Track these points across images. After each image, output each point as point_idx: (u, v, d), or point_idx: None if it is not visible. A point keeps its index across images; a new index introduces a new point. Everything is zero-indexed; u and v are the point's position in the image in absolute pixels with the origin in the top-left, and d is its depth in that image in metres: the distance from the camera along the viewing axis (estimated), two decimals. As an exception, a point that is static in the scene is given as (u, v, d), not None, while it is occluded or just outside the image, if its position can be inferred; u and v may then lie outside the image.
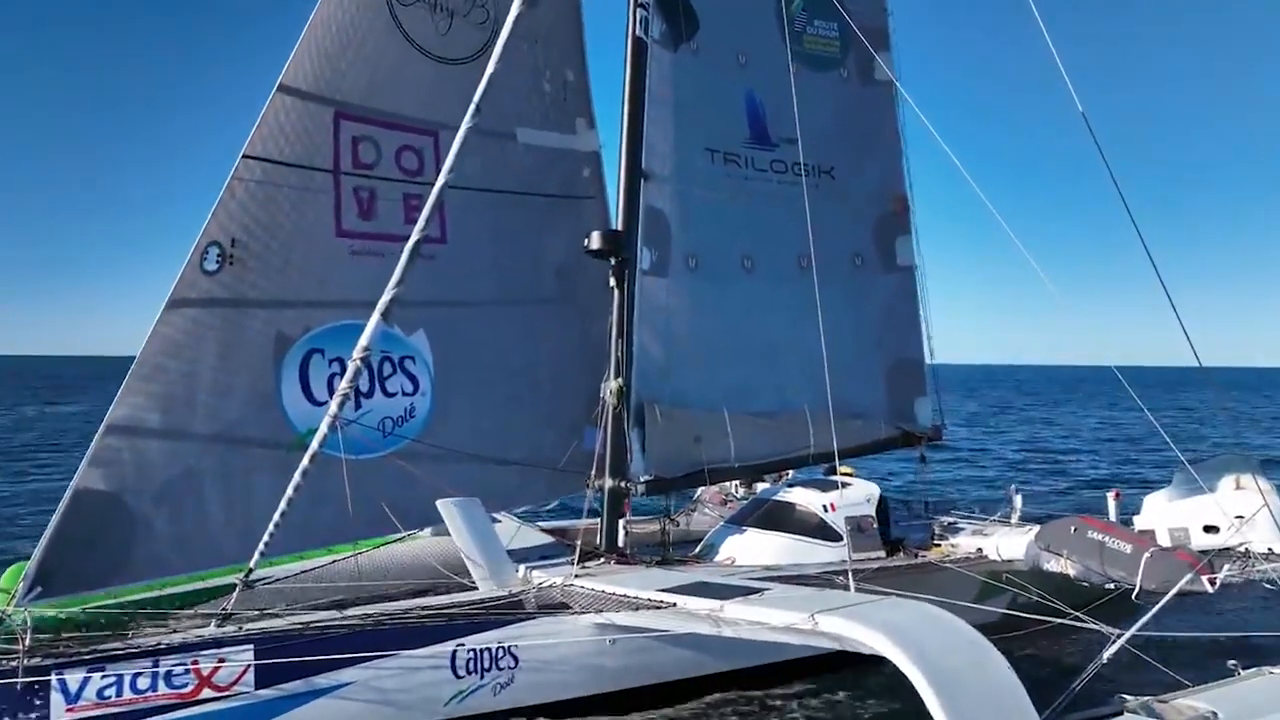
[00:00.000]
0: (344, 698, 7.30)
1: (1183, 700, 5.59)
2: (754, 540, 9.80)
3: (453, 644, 7.65)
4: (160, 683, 6.87)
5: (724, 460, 10.36)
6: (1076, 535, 8.93)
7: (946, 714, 4.64)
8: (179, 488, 7.87)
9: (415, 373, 9.51)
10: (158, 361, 7.82)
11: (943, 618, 5.66)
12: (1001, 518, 11.27)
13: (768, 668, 8.75)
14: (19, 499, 19.70)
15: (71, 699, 6.64)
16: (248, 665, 7.08)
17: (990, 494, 17.11)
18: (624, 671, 8.22)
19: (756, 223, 11.30)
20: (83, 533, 7.33)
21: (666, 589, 7.56)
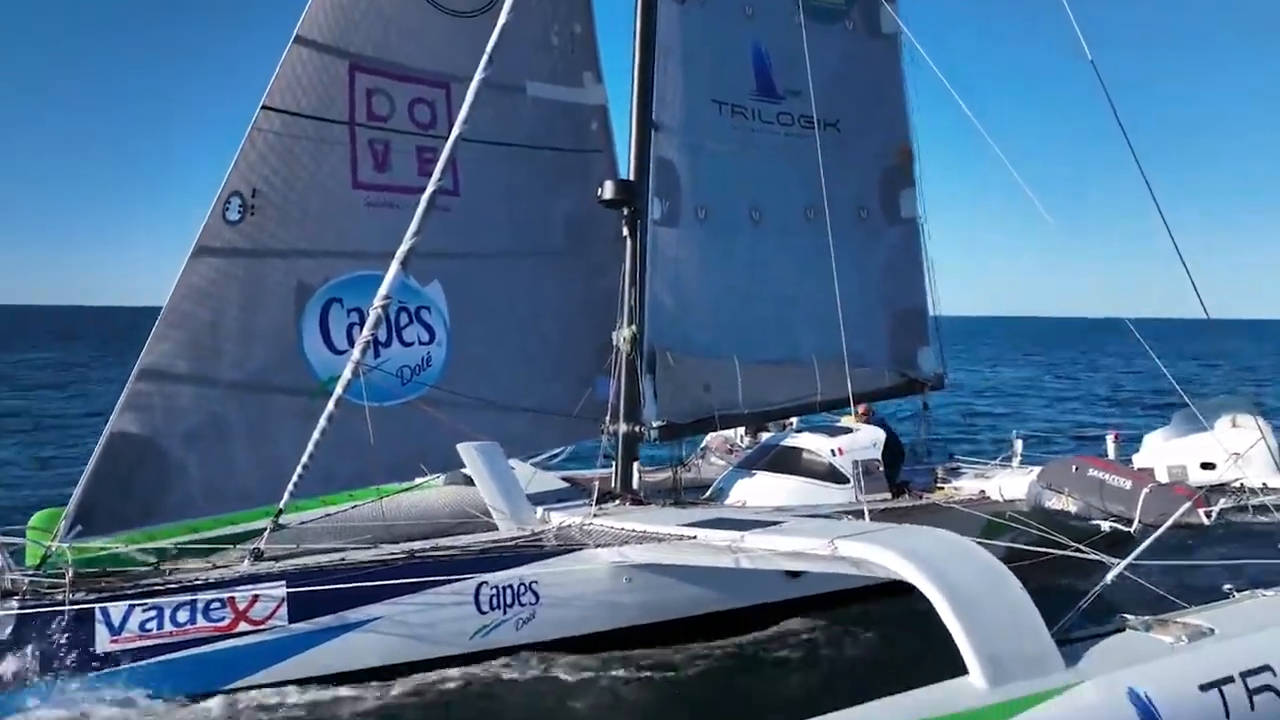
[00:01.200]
0: (373, 631, 7.59)
1: (1180, 618, 5.89)
2: (764, 483, 10.06)
3: (476, 580, 7.94)
4: (199, 616, 7.16)
5: (733, 407, 10.60)
6: (1078, 474, 9.22)
7: (965, 631, 4.91)
8: (207, 432, 8.10)
9: (431, 323, 9.70)
10: (185, 309, 8.00)
11: (958, 542, 5.93)
12: (1003, 461, 11.56)
13: (779, 605, 9.05)
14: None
15: (115, 630, 6.93)
16: (281, 600, 7.37)
17: (993, 438, 17.44)
18: (641, 608, 8.50)
19: (764, 175, 11.44)
20: (118, 474, 7.56)
21: (685, 524, 7.82)
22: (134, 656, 6.94)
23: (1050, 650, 5.06)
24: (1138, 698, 4.96)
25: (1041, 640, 5.09)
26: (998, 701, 4.64)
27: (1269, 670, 5.46)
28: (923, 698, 4.63)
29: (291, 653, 7.37)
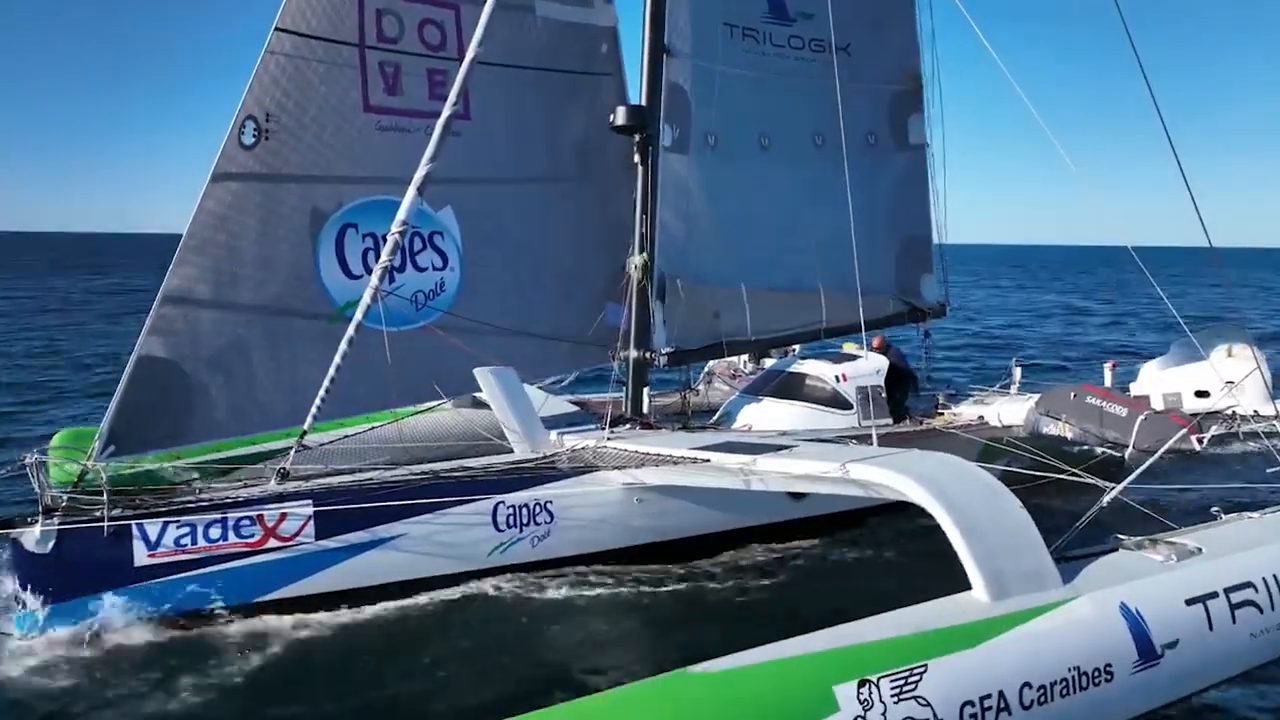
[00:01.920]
0: (396, 548, 7.91)
1: (1170, 539, 6.20)
2: (770, 409, 10.32)
3: (494, 500, 8.23)
4: (230, 532, 7.45)
5: (741, 333, 10.79)
6: (1075, 401, 9.48)
7: (969, 549, 5.19)
8: (230, 356, 8.27)
9: (444, 248, 9.79)
10: (205, 235, 8.08)
11: (963, 465, 6.20)
12: (1001, 389, 11.82)
13: (783, 525, 9.40)
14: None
15: (151, 545, 7.22)
16: (308, 518, 7.66)
17: (992, 365, 17.72)
18: (651, 527, 8.83)
19: (774, 100, 11.39)
20: (147, 397, 7.76)
21: (698, 447, 8.07)
22: (169, 571, 7.26)
23: (1048, 567, 5.37)
24: (1129, 611, 5.28)
25: (1040, 558, 5.39)
26: (999, 614, 4.95)
27: (1250, 586, 5.80)
28: (929, 610, 4.94)
29: (318, 568, 7.69)
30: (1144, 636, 5.24)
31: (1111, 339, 29.67)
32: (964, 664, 4.60)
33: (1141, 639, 5.22)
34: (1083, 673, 4.93)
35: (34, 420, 15.50)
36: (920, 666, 4.46)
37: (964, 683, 4.54)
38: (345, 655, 6.99)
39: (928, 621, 4.80)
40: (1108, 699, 5.01)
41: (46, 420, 15.21)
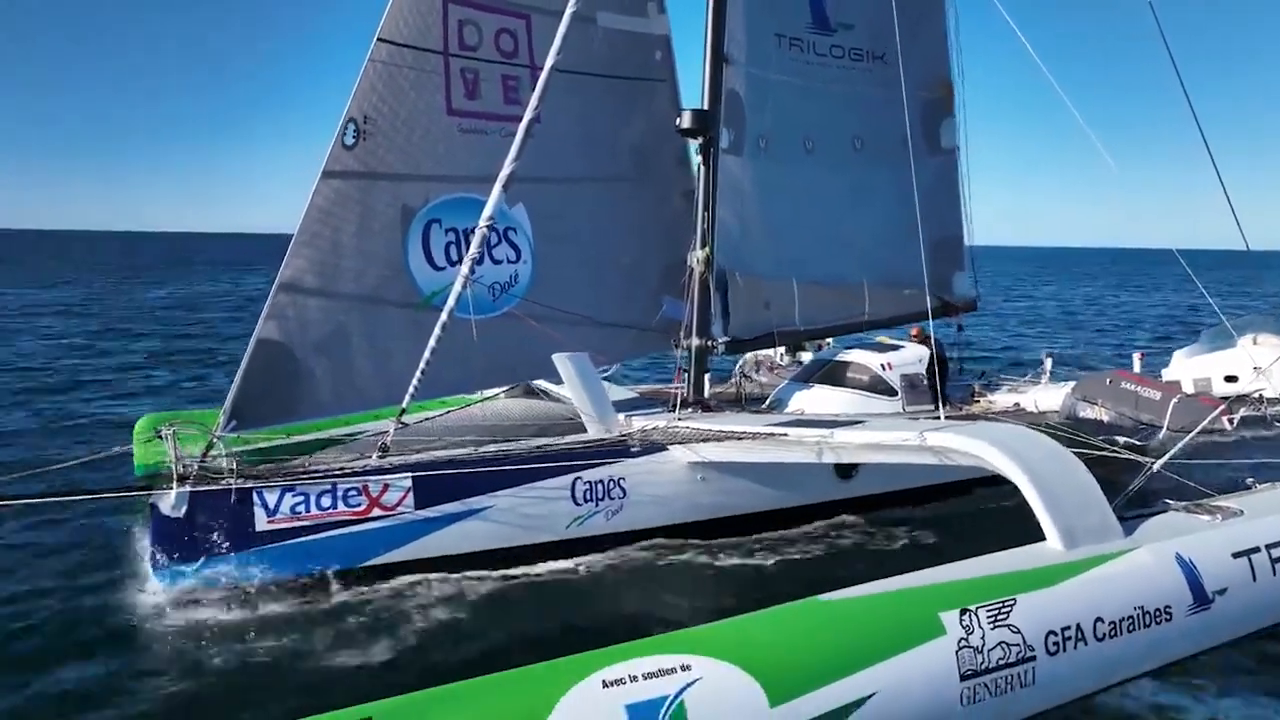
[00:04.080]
0: (485, 519, 8.54)
1: (1214, 503, 6.85)
2: (819, 394, 10.96)
3: (572, 476, 8.86)
4: (339, 501, 8.08)
5: (790, 324, 11.44)
6: (1111, 386, 10.12)
7: (1044, 504, 5.84)
8: (333, 341, 8.90)
9: (517, 242, 10.43)
10: (313, 228, 8.72)
11: (1031, 432, 6.84)
12: (1032, 379, 12.47)
13: (831, 503, 10.02)
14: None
15: (271, 512, 7.86)
16: (408, 490, 8.30)
17: (1021, 357, 18.38)
18: (713, 503, 9.47)
19: (817, 106, 12.06)
20: (262, 377, 8.39)
21: (772, 424, 8.71)
22: (286, 535, 7.89)
23: (1112, 522, 6.01)
24: (1184, 561, 5.93)
25: (1105, 514, 6.03)
26: (1072, 560, 5.59)
27: None
28: (1013, 555, 5.59)
29: (417, 536, 8.32)
30: (1197, 584, 5.88)
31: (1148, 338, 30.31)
32: (1046, 600, 5.24)
33: (1195, 586, 5.86)
34: (1146, 612, 5.57)
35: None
36: (1010, 600, 5.10)
37: (1047, 615, 5.18)
38: (453, 614, 7.62)
39: (1013, 564, 5.44)
40: (1168, 637, 5.65)
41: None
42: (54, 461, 9.10)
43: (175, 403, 15.53)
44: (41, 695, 5.99)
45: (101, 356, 23.03)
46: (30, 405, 16.25)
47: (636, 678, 4.01)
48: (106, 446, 9.46)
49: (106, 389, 18.31)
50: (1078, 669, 5.20)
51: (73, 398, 17.13)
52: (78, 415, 15.37)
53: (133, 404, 16.29)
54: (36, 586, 7.86)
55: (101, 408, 16.17)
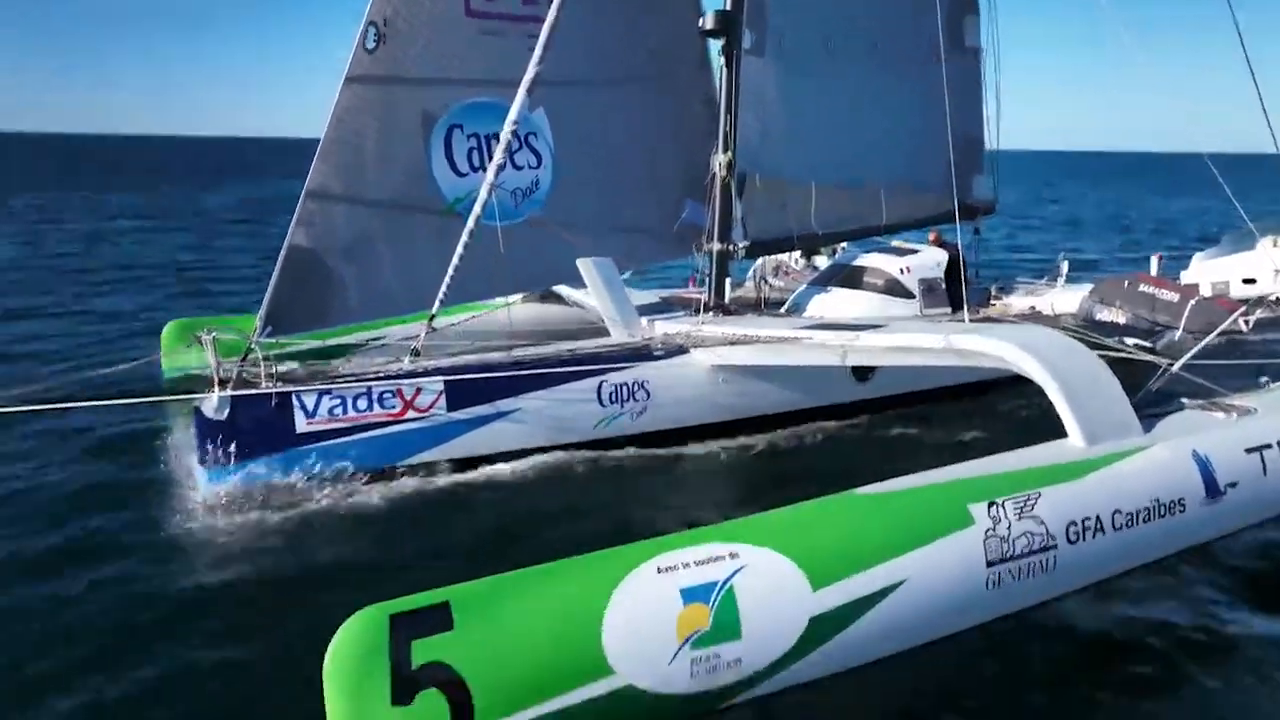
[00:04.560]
0: (515, 421, 8.79)
1: (1228, 401, 7.06)
2: (838, 298, 11.09)
3: (598, 379, 9.07)
4: (375, 404, 8.31)
5: (808, 228, 11.47)
6: (1129, 289, 10.23)
7: (1067, 402, 6.04)
8: (359, 247, 8.99)
9: (538, 148, 10.39)
10: (337, 135, 8.70)
11: (1054, 333, 7.00)
12: (1048, 282, 12.57)
13: (848, 405, 10.26)
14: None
15: (310, 414, 8.09)
16: (440, 393, 8.51)
17: (1038, 260, 18.46)
18: (732, 405, 9.70)
19: (837, 6, 11.80)
20: (294, 284, 8.52)
21: (792, 328, 8.87)
22: (325, 437, 8.14)
23: (1132, 420, 6.23)
24: (1198, 456, 6.16)
25: (1125, 411, 6.24)
26: (1094, 456, 5.82)
27: None
28: (1037, 451, 5.82)
29: (450, 437, 8.58)
30: (1211, 477, 6.13)
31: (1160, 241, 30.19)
32: (1068, 493, 5.49)
33: (1209, 479, 6.11)
34: (1161, 504, 5.83)
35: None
36: (1035, 493, 5.35)
37: (1068, 507, 5.43)
38: (494, 511, 7.94)
39: (1037, 459, 5.68)
40: (1181, 526, 5.92)
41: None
42: (82, 368, 9.34)
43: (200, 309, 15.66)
44: (95, 598, 6.25)
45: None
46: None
47: (689, 564, 4.28)
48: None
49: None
50: (1095, 557, 5.49)
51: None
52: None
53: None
54: (81, 492, 8.13)
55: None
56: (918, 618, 4.80)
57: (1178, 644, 5.60)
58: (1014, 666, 5.31)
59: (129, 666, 5.38)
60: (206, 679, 5.27)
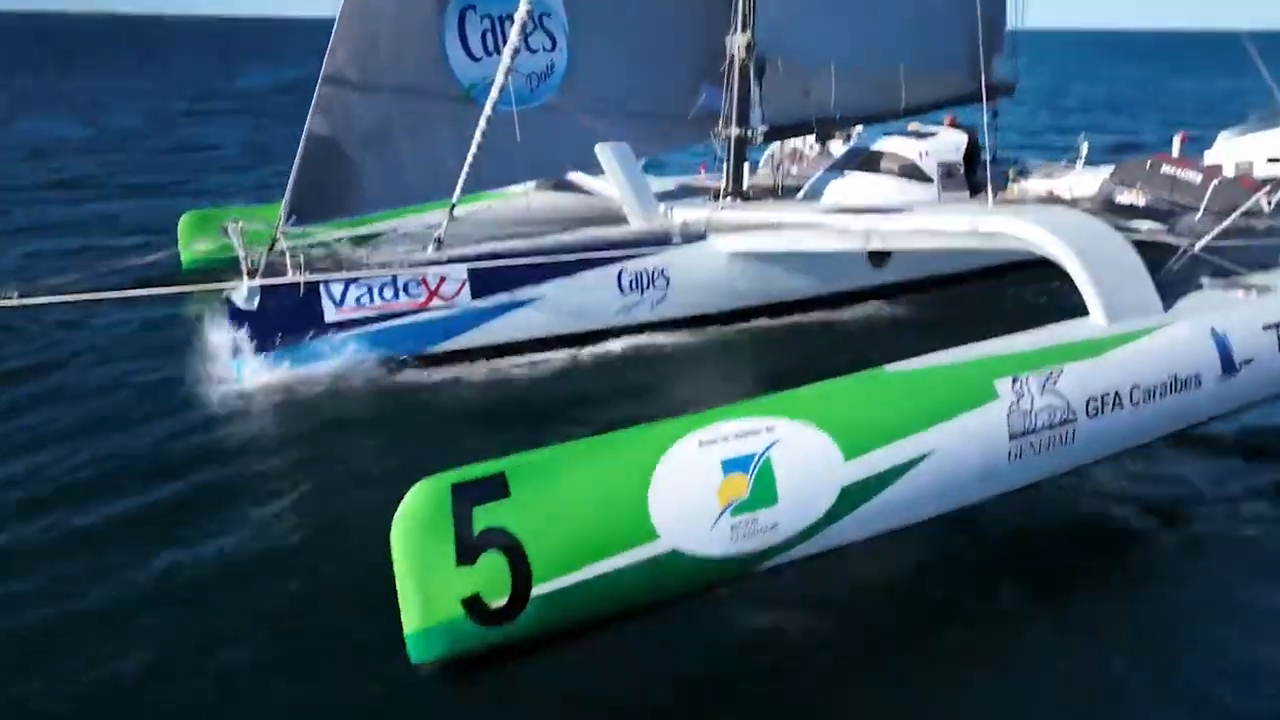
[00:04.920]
0: (537, 309, 8.91)
1: (1246, 280, 7.13)
2: (855, 182, 11.01)
3: (618, 267, 9.14)
4: (401, 293, 8.42)
5: (827, 112, 11.31)
6: (1151, 170, 10.14)
7: (1091, 282, 6.13)
8: (377, 135, 8.91)
9: (552, 30, 10.14)
10: (352, 19, 8.52)
11: (1080, 214, 7.05)
12: (1066, 164, 12.45)
13: (863, 290, 10.34)
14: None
15: (338, 303, 8.21)
16: (464, 281, 8.61)
17: (1057, 142, 18.22)
18: (750, 291, 9.80)
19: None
20: (317, 171, 8.50)
21: (813, 213, 8.87)
22: (353, 326, 8.28)
23: (1153, 298, 6.33)
24: (1216, 334, 6.29)
25: (1147, 290, 6.33)
26: (1115, 334, 5.95)
27: None
28: (1061, 329, 5.94)
29: (474, 324, 8.72)
30: (1227, 354, 6.27)
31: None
32: (1089, 369, 5.64)
33: (1225, 356, 6.25)
34: (1178, 380, 5.99)
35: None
36: (1058, 369, 5.50)
37: (1089, 383, 5.59)
38: (524, 391, 8.16)
39: (1060, 337, 5.81)
40: (1196, 401, 6.10)
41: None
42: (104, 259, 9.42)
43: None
44: (144, 489, 6.46)
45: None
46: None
47: (728, 438, 4.46)
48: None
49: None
50: (1112, 431, 5.68)
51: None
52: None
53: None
54: (114, 385, 8.30)
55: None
56: (943, 487, 5.02)
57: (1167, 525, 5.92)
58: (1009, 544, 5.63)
59: (196, 549, 5.66)
60: (268, 557, 5.56)
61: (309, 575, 5.36)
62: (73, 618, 4.99)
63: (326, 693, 4.46)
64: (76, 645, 4.78)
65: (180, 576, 5.39)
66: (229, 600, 5.16)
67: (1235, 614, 5.16)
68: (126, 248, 11.32)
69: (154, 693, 4.47)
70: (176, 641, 4.82)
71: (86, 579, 5.30)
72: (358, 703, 4.36)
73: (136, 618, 5.00)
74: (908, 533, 5.02)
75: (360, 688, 4.41)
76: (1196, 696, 4.56)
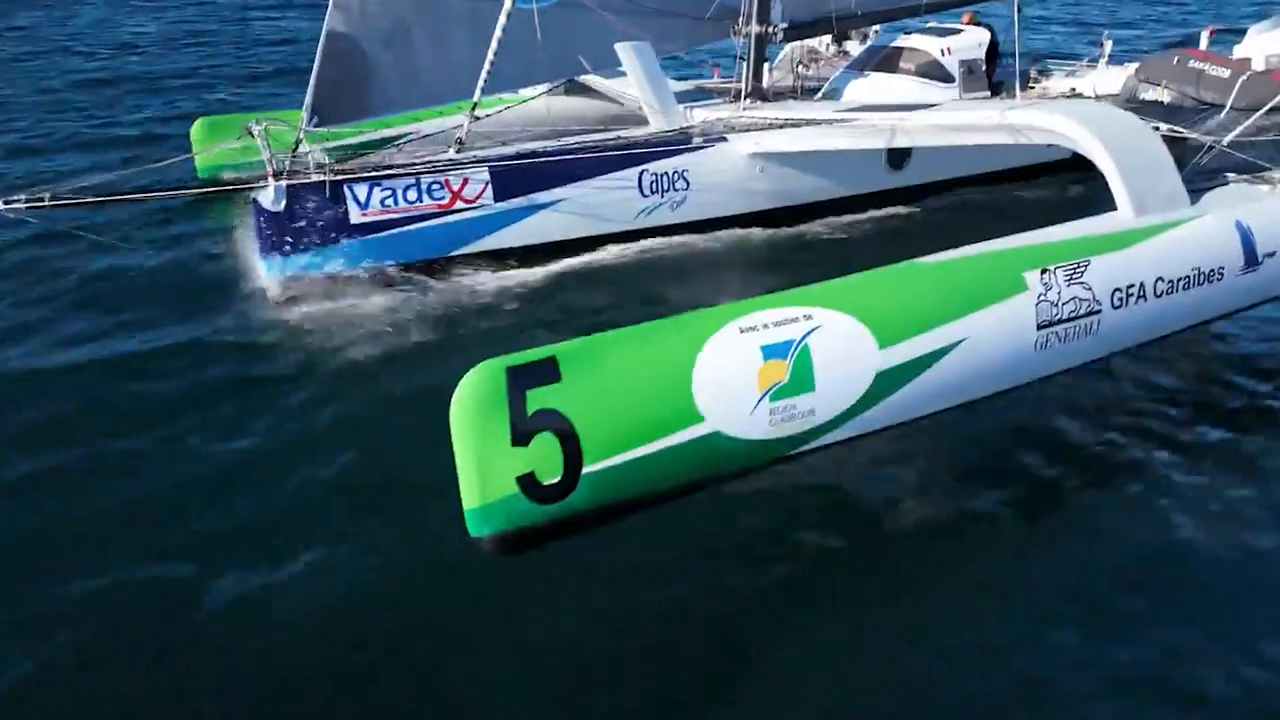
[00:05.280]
0: (559, 211, 8.95)
1: (1273, 175, 7.14)
2: (876, 82, 10.86)
3: (639, 169, 9.13)
4: (424, 195, 8.44)
5: (847, 8, 11.07)
6: (1178, 66, 9.99)
7: (1119, 175, 6.15)
8: (396, 35, 8.80)
9: None
10: None
11: (1111, 108, 7.00)
12: (1090, 62, 12.24)
13: (881, 193, 10.33)
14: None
15: (363, 205, 8.25)
16: (486, 183, 8.62)
17: (1080, 39, 17.85)
18: (769, 193, 9.79)
19: None
20: (336, 72, 8.42)
21: (838, 111, 8.80)
22: (378, 228, 8.34)
23: (1180, 191, 6.36)
24: (1241, 227, 6.34)
25: (1175, 184, 6.36)
26: (1142, 226, 6.01)
27: None
28: (1088, 223, 6.00)
29: (497, 227, 8.78)
30: (1250, 247, 6.33)
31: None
32: (1115, 261, 5.72)
33: (1249, 249, 6.32)
34: (1201, 272, 6.08)
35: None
36: (1085, 262, 5.58)
37: (1114, 275, 5.68)
38: (551, 291, 8.28)
39: (1088, 230, 5.88)
40: (1217, 294, 6.20)
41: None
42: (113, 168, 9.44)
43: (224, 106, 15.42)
44: (195, 391, 6.67)
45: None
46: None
47: (768, 325, 4.58)
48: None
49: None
50: (1136, 322, 5.80)
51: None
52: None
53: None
54: (147, 289, 8.42)
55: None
56: (972, 376, 5.17)
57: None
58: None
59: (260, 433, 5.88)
60: (322, 443, 5.80)
61: (365, 456, 5.62)
62: (134, 502, 5.25)
63: (392, 564, 4.78)
64: (139, 518, 5.06)
65: (243, 459, 5.62)
66: (297, 477, 5.45)
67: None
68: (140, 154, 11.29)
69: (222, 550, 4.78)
70: (237, 524, 5.10)
71: (148, 458, 5.56)
72: (423, 572, 4.70)
73: (193, 496, 5.27)
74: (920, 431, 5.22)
75: (426, 558, 4.73)
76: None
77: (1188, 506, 5.44)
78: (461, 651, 4.40)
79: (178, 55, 21.43)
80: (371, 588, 4.72)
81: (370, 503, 5.26)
